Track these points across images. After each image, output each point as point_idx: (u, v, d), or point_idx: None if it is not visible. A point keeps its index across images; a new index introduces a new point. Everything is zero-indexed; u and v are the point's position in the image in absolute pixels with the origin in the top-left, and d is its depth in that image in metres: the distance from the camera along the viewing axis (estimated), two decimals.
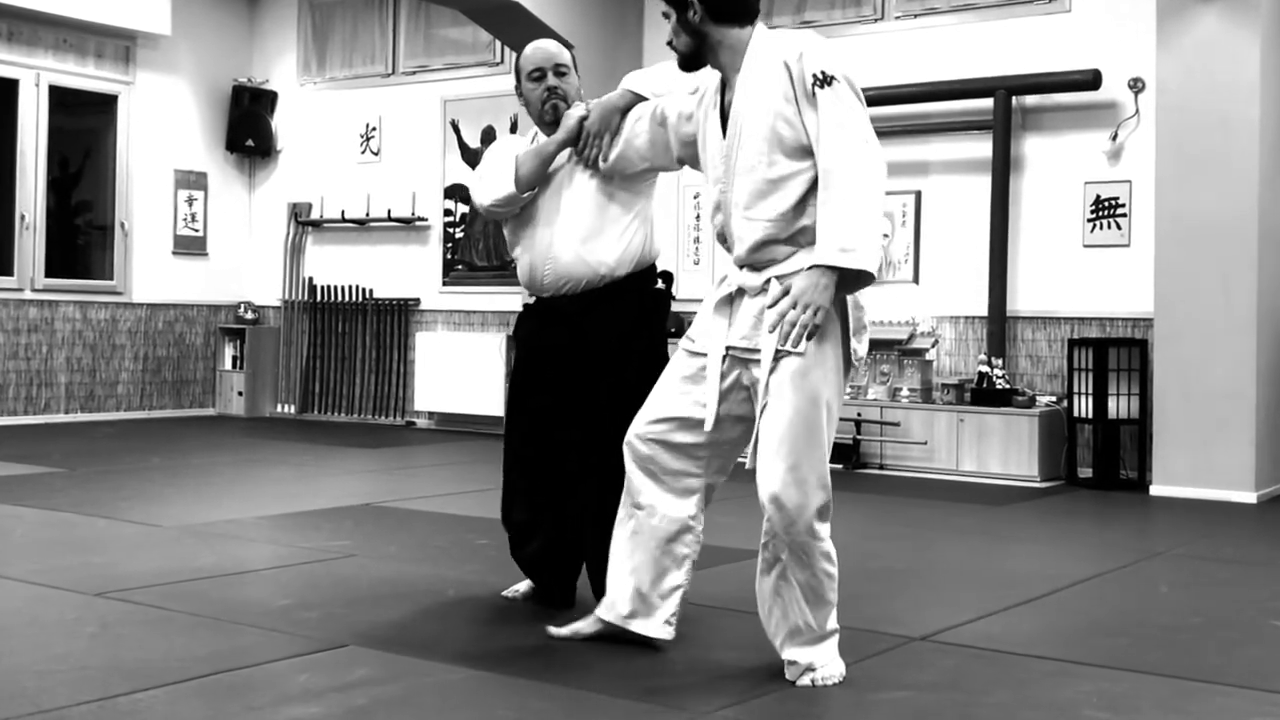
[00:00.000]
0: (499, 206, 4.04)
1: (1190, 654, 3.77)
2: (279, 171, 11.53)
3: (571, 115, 3.99)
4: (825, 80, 3.23)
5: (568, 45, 9.35)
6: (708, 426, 3.44)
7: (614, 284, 4.01)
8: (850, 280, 3.25)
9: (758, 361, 3.36)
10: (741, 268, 3.45)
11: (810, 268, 3.24)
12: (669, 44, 3.54)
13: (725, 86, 3.50)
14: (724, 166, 3.45)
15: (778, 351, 3.29)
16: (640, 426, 3.58)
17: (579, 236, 3.99)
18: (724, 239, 3.52)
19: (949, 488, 7.44)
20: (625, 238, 4.01)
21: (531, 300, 4.19)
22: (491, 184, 4.02)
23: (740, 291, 3.46)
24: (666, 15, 3.51)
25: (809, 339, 3.24)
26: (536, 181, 4.01)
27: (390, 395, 10.81)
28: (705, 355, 3.49)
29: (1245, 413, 7.08)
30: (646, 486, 3.57)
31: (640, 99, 3.89)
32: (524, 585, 4.32)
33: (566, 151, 4.03)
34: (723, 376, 3.45)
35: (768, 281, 3.36)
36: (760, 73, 3.37)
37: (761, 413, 3.32)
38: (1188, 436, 7.20)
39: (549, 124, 4.10)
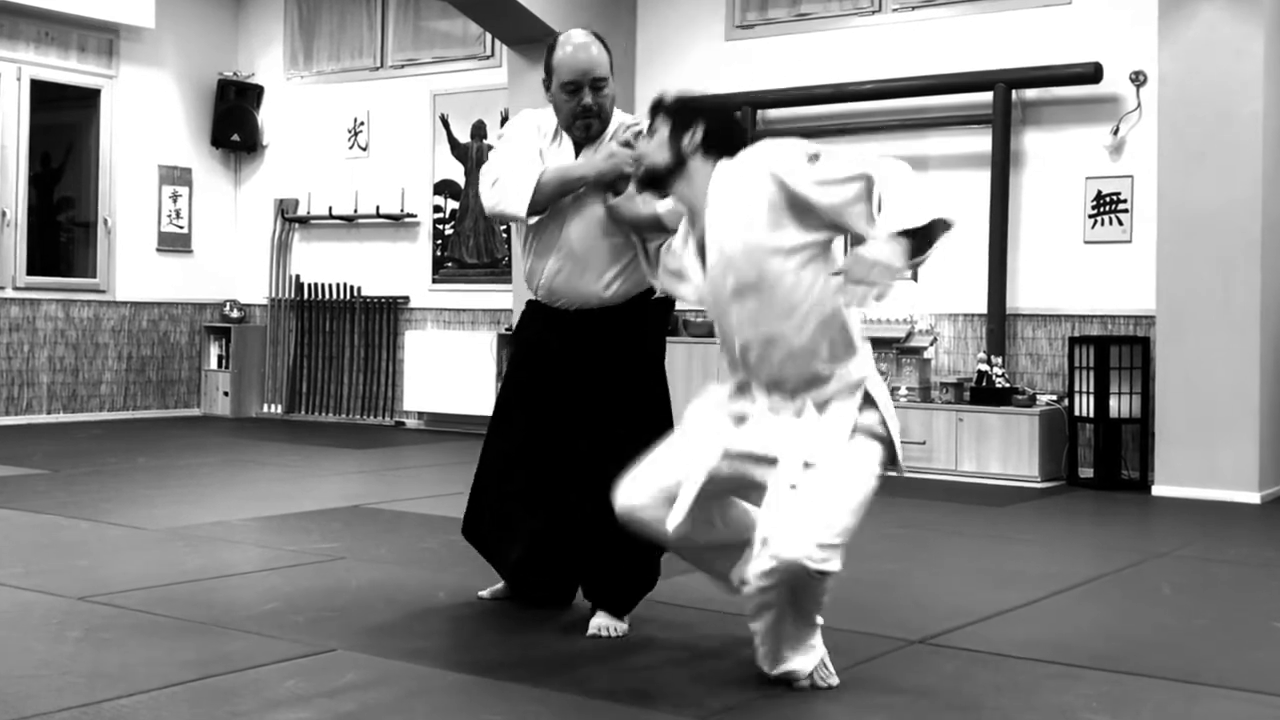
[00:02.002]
0: (499, 221, 3.90)
1: (1193, 657, 3.74)
2: (265, 167, 11.48)
3: (622, 159, 3.78)
4: (815, 156, 3.16)
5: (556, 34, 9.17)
6: (670, 526, 3.32)
7: (609, 306, 3.94)
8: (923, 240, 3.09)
9: (770, 461, 3.23)
10: (770, 394, 3.32)
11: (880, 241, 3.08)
12: (636, 158, 3.52)
13: (694, 218, 3.42)
14: (713, 296, 3.35)
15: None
16: (675, 535, 3.39)
17: (580, 265, 3.91)
18: (741, 365, 3.38)
19: (948, 488, 7.41)
20: (623, 275, 3.92)
21: (534, 297, 4.12)
22: (503, 194, 3.84)
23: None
24: (651, 131, 3.44)
25: (877, 300, 3.07)
26: (549, 207, 3.87)
27: (379, 395, 10.75)
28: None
29: (1249, 411, 7.06)
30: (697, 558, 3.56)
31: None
32: (500, 585, 4.29)
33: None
34: (715, 472, 3.33)
35: (803, 406, 3.24)
36: (735, 190, 3.27)
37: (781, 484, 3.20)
38: (1190, 436, 7.17)
39: (578, 138, 3.95)
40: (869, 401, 3.28)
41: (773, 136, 9.01)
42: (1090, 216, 7.96)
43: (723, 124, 3.41)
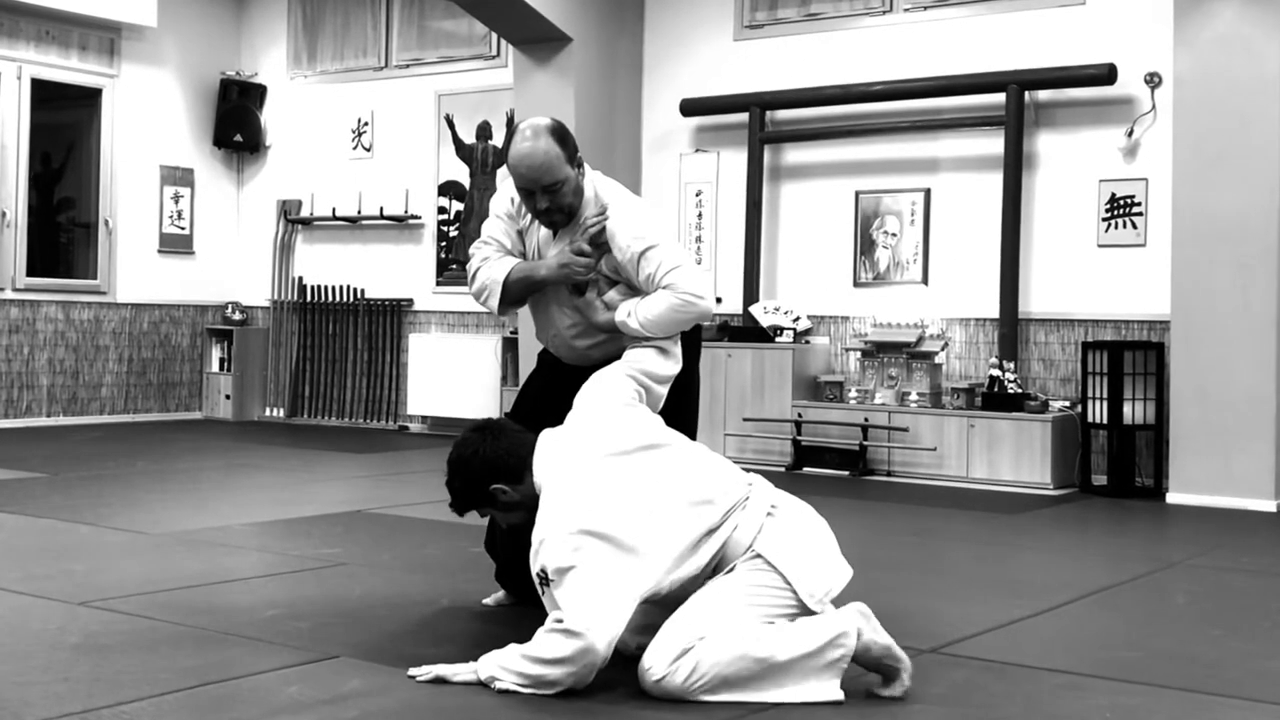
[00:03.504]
0: (480, 304, 4.13)
1: (1207, 667, 3.70)
2: (268, 168, 11.42)
3: (573, 269, 3.86)
4: (545, 579, 3.25)
5: (565, 37, 9.18)
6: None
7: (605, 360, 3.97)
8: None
9: None
10: None
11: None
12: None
13: None
14: None
15: None
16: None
17: (573, 334, 4.03)
18: None
19: (959, 495, 7.36)
20: (611, 340, 3.94)
21: None
22: (480, 288, 4.04)
23: None
24: (484, 512, 3.61)
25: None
26: (525, 299, 4.06)
27: (382, 399, 10.69)
28: None
29: (1265, 418, 7.00)
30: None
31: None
32: (503, 592, 4.30)
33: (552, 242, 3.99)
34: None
35: None
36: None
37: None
38: (1205, 442, 7.13)
39: (547, 228, 4.00)
40: None
41: (782, 139, 8.99)
42: (1104, 220, 7.89)
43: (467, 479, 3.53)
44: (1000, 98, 8.07)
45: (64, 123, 10.79)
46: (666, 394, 3.80)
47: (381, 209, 10.64)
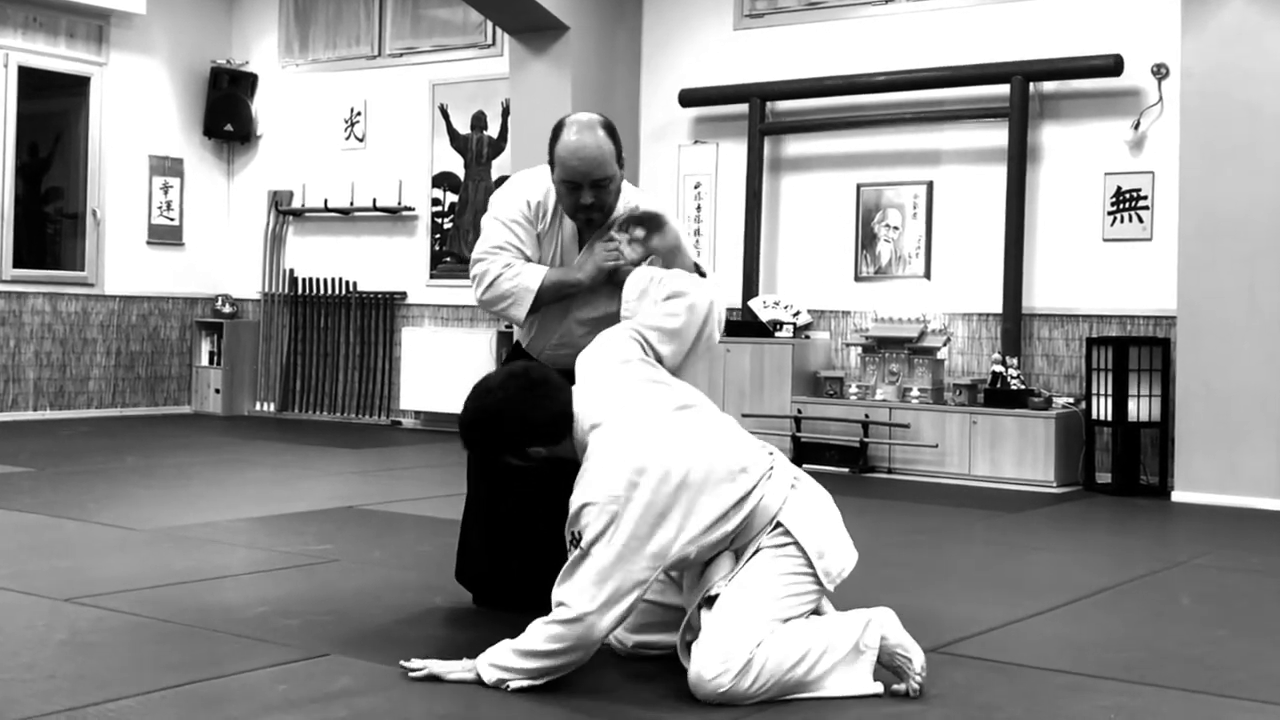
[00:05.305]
0: (492, 312, 4.07)
1: (1213, 668, 3.69)
2: (259, 158, 11.38)
3: (603, 258, 3.85)
4: (575, 539, 3.20)
5: (562, 26, 9.08)
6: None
7: None
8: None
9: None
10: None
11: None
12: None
13: None
14: None
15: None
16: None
17: (579, 348, 3.95)
18: None
19: (961, 493, 7.34)
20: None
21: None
22: (499, 295, 3.96)
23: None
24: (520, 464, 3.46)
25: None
26: (538, 310, 4.02)
27: (375, 393, 10.66)
28: None
29: (1272, 415, 6.99)
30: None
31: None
32: None
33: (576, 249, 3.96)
34: None
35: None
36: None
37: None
38: (1211, 440, 7.12)
39: (580, 226, 3.94)
40: None
41: (782, 130, 8.91)
42: (1109, 213, 7.85)
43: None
44: (1004, 89, 8.02)
45: (51, 111, 10.73)
46: (686, 353, 3.61)
47: (374, 200, 10.59)
